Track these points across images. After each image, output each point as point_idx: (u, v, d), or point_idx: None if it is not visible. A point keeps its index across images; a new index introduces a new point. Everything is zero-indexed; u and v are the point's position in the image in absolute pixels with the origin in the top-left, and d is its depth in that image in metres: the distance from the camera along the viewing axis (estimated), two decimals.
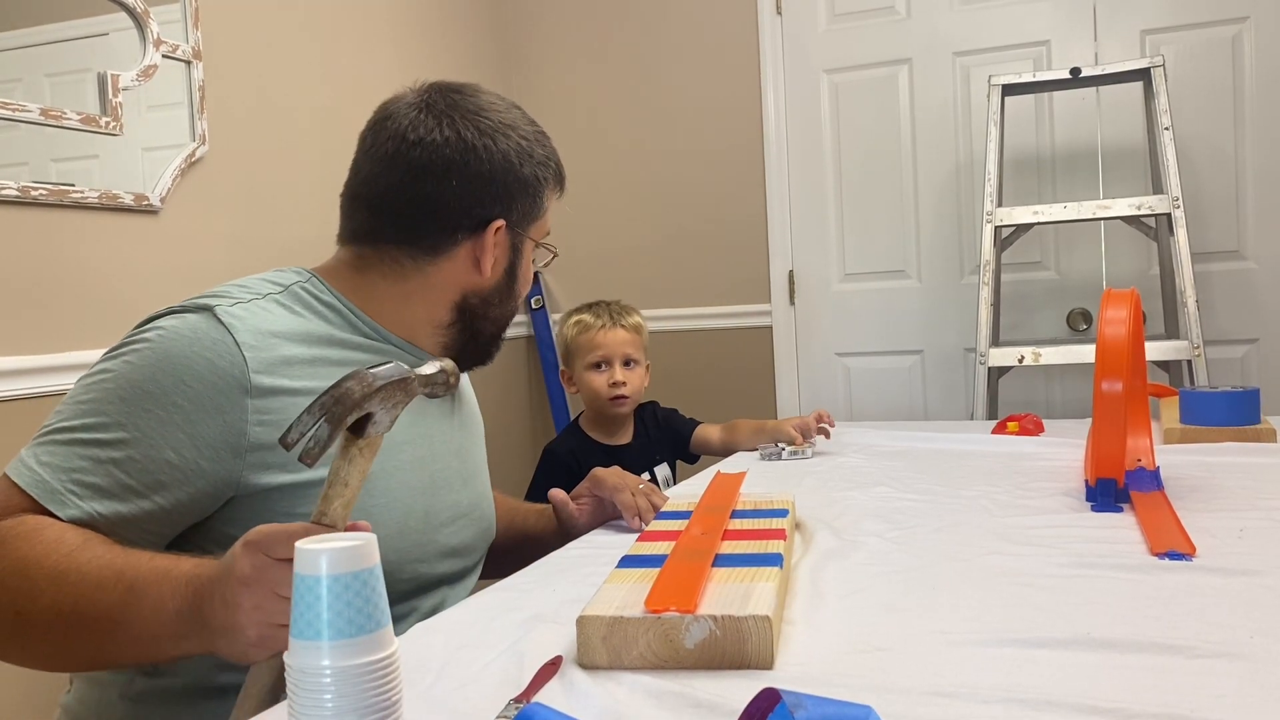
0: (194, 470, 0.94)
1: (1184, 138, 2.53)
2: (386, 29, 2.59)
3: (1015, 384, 2.72)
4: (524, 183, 1.14)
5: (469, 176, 1.10)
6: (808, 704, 0.58)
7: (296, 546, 0.57)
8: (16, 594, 0.85)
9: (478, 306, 1.16)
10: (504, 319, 1.21)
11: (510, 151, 1.12)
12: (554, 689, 0.75)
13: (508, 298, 1.19)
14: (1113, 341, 1.24)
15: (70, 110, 1.70)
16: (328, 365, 1.03)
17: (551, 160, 1.19)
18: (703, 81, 3.00)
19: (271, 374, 0.98)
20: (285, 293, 1.07)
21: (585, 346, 2.07)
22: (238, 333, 0.97)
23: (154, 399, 0.93)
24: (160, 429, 0.93)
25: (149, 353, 0.95)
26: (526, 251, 1.19)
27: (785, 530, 1.06)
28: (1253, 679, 0.70)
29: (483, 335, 1.19)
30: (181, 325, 0.97)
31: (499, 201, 1.12)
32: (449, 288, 1.14)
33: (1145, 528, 1.12)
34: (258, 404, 0.96)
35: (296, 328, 1.03)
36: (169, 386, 0.93)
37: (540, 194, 1.17)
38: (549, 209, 1.20)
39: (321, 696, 0.56)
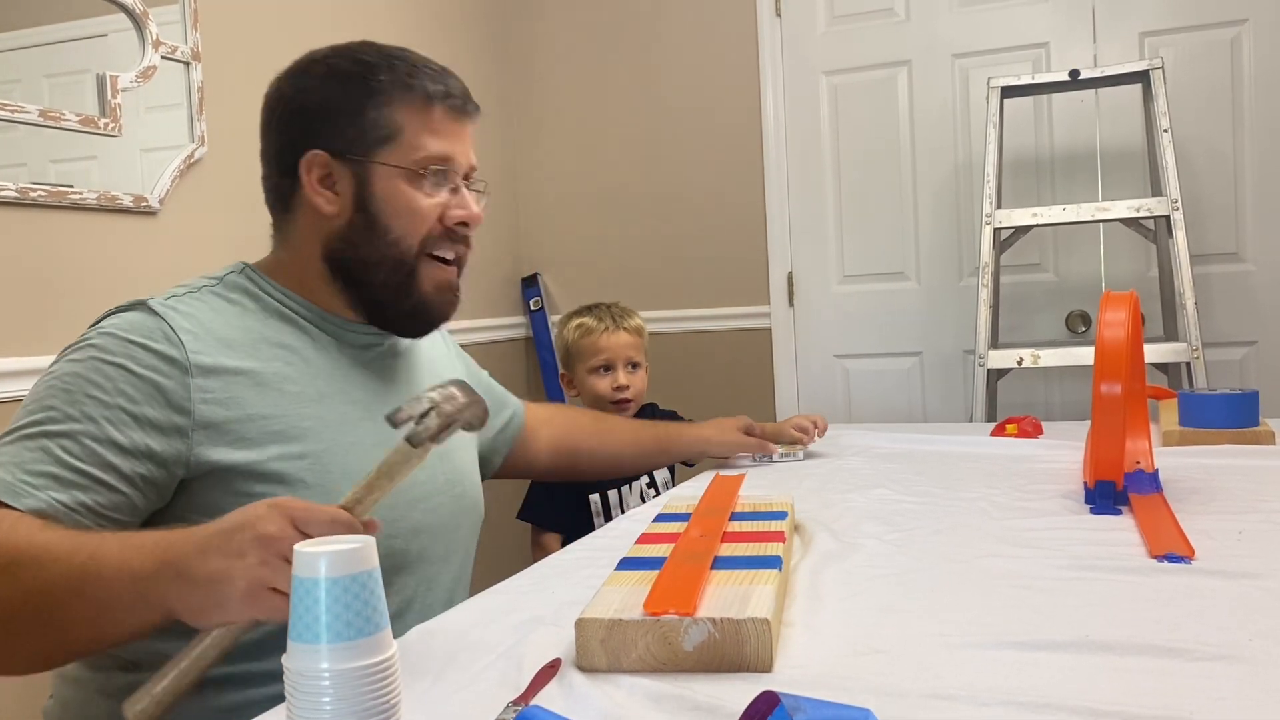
0: (143, 451, 0.95)
1: (1183, 140, 2.53)
2: (386, 30, 2.58)
3: (1014, 386, 2.72)
4: (327, 107, 1.08)
5: (277, 120, 1.12)
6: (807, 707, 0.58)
7: (295, 549, 0.57)
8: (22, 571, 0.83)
9: (341, 250, 1.10)
10: (387, 260, 1.09)
11: (306, 83, 1.11)
12: (552, 692, 0.75)
13: (370, 233, 1.09)
14: (1112, 344, 1.24)
15: (69, 111, 1.70)
16: (269, 345, 1.06)
17: (376, 75, 1.08)
18: (702, 83, 3.00)
19: (210, 354, 1.00)
20: (220, 284, 1.10)
21: (588, 350, 2.06)
22: (172, 320, 1.00)
23: (97, 386, 0.95)
24: (105, 413, 0.94)
25: (89, 348, 0.99)
26: (379, 178, 1.08)
27: (784, 533, 1.05)
28: (1252, 681, 0.70)
29: (372, 284, 1.10)
30: (119, 321, 1.01)
31: (307, 134, 1.09)
32: (311, 239, 1.11)
33: (1144, 530, 1.12)
34: (200, 382, 0.98)
35: (232, 315, 1.06)
36: (111, 374, 0.96)
37: (363, 112, 1.08)
38: (405, 126, 1.08)
39: (320, 699, 0.56)
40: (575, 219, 3.15)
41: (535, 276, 3.17)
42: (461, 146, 1.13)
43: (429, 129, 1.10)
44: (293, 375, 1.06)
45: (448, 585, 1.17)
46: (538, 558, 2.13)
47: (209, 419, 0.98)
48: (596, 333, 2.06)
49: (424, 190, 1.10)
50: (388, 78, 1.09)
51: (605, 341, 2.05)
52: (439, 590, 1.15)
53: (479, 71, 2.99)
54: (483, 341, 2.96)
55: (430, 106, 1.10)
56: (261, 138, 1.15)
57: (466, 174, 1.15)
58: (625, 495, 2.04)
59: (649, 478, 2.06)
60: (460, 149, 1.13)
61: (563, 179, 3.16)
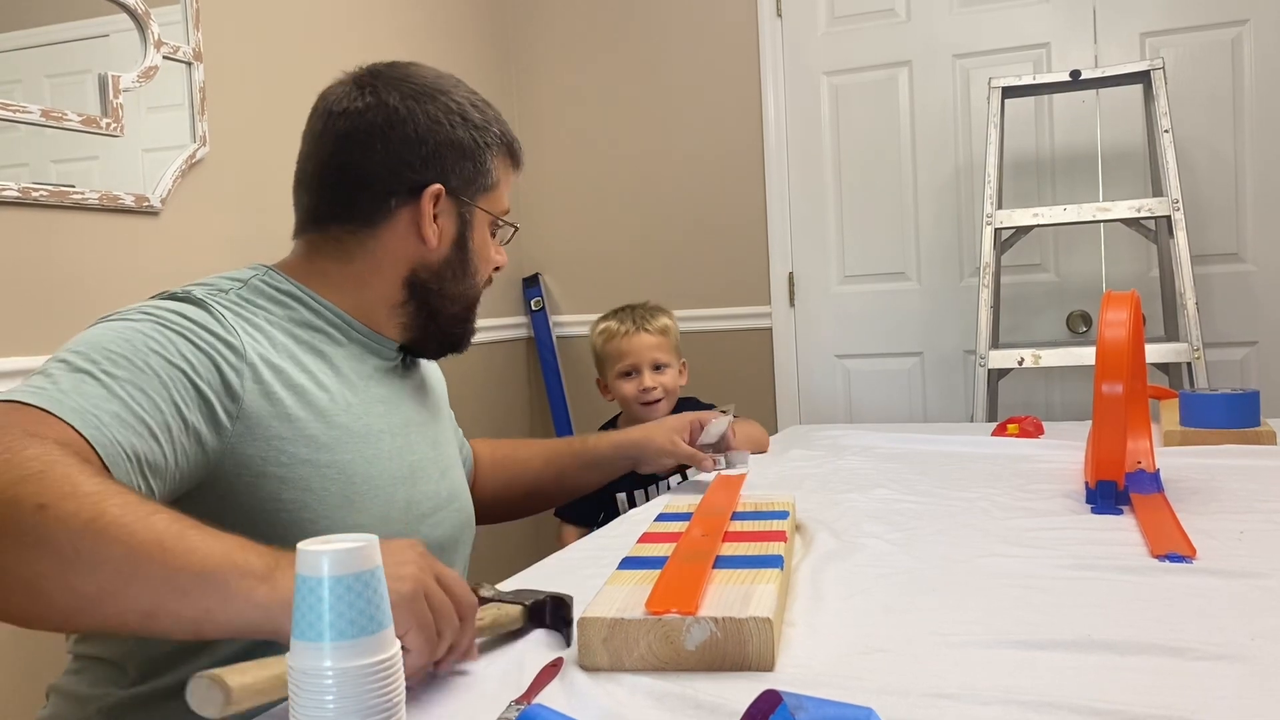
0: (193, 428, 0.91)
1: (1183, 140, 2.53)
2: (387, 30, 2.59)
3: (1015, 386, 2.72)
4: (459, 146, 1.12)
5: (395, 140, 1.10)
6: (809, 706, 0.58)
7: (299, 548, 0.57)
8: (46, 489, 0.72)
9: (430, 281, 1.13)
10: (463, 297, 1.17)
11: (439, 114, 1.11)
12: (555, 691, 0.75)
13: (462, 273, 1.16)
14: (1113, 343, 1.24)
15: (71, 111, 1.70)
16: (304, 351, 1.05)
17: (492, 126, 1.16)
18: (703, 84, 3.00)
19: (259, 348, 1.00)
20: (245, 287, 1.08)
21: (613, 355, 2.07)
22: (219, 310, 0.99)
23: (162, 347, 0.92)
24: (170, 374, 0.91)
25: (146, 317, 0.95)
26: (478, 223, 1.16)
27: (785, 532, 1.06)
28: (1253, 681, 0.70)
29: (442, 315, 1.16)
30: (168, 303, 0.98)
31: (431, 165, 1.10)
32: (396, 262, 1.12)
33: (1145, 530, 1.12)
34: (251, 372, 0.97)
35: (264, 316, 1.05)
36: (175, 340, 0.93)
37: (483, 160, 1.14)
38: (500, 181, 1.18)
39: (323, 698, 0.56)
40: (576, 219, 3.16)
41: (536, 276, 3.18)
42: None
43: (509, 185, 1.21)
44: (324, 383, 1.05)
45: None
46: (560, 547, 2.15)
47: (254, 412, 0.96)
48: (619, 336, 2.07)
49: (495, 240, 1.21)
50: (498, 130, 1.17)
51: (628, 345, 2.06)
52: None
53: (480, 71, 2.99)
54: (484, 341, 2.97)
55: (517, 166, 1.22)
56: (357, 148, 1.10)
57: None
58: (652, 494, 2.04)
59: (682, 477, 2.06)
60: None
61: (564, 179, 3.16)
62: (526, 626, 0.88)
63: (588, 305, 3.14)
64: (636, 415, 2.05)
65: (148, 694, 0.98)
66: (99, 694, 0.99)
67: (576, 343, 3.07)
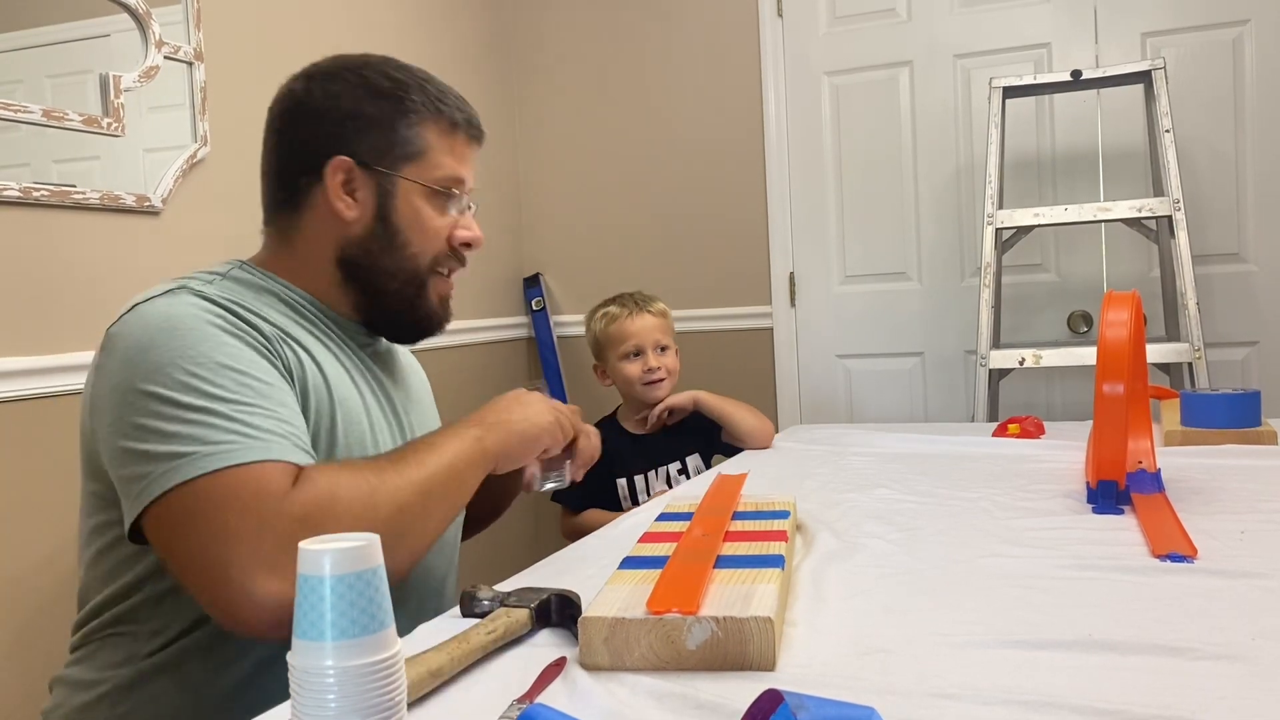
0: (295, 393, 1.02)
1: (1184, 140, 2.53)
2: (388, 30, 2.59)
3: (1016, 386, 2.72)
4: (363, 117, 1.11)
5: (296, 121, 1.13)
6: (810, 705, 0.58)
7: (300, 547, 0.57)
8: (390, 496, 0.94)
9: (359, 257, 1.13)
10: (402, 271, 1.14)
11: (339, 89, 1.12)
12: (557, 690, 0.75)
13: (390, 245, 1.13)
14: (1114, 343, 1.24)
15: (72, 111, 1.70)
16: (284, 332, 1.06)
17: (409, 94, 1.12)
18: (704, 83, 3.00)
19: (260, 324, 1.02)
20: (224, 279, 1.10)
21: (616, 337, 2.09)
22: (216, 299, 1.01)
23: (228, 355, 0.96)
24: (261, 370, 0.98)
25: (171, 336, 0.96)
26: (403, 194, 1.12)
27: (786, 532, 1.06)
28: (1254, 681, 0.70)
29: (385, 292, 1.14)
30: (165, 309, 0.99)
31: (332, 139, 1.10)
32: (324, 243, 1.13)
33: (1146, 530, 1.12)
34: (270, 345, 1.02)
35: (252, 302, 1.07)
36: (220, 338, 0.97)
37: (395, 128, 1.11)
38: (432, 148, 1.13)
39: (325, 697, 0.56)
40: (577, 219, 3.16)
41: (537, 276, 3.18)
42: (471, 171, 1.19)
43: (450, 152, 1.15)
44: (307, 361, 1.07)
45: (440, 573, 1.19)
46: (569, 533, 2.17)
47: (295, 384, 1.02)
48: (622, 319, 2.09)
49: (439, 209, 1.15)
50: (420, 98, 1.13)
51: (632, 326, 2.08)
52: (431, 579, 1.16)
53: (481, 72, 2.99)
54: (485, 341, 2.97)
55: (455, 131, 1.16)
56: (271, 134, 1.15)
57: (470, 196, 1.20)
58: (651, 480, 2.05)
59: (680, 464, 2.06)
60: (470, 173, 1.18)
61: (565, 179, 3.16)
62: (534, 628, 0.88)
63: (589, 305, 3.13)
64: (638, 397, 2.06)
65: (151, 670, 1.00)
66: (105, 676, 1.01)
67: (578, 342, 3.07)
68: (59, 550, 1.64)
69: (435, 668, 0.75)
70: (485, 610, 0.90)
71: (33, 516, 1.61)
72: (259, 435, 0.91)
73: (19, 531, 1.60)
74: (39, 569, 1.63)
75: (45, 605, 1.63)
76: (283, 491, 0.89)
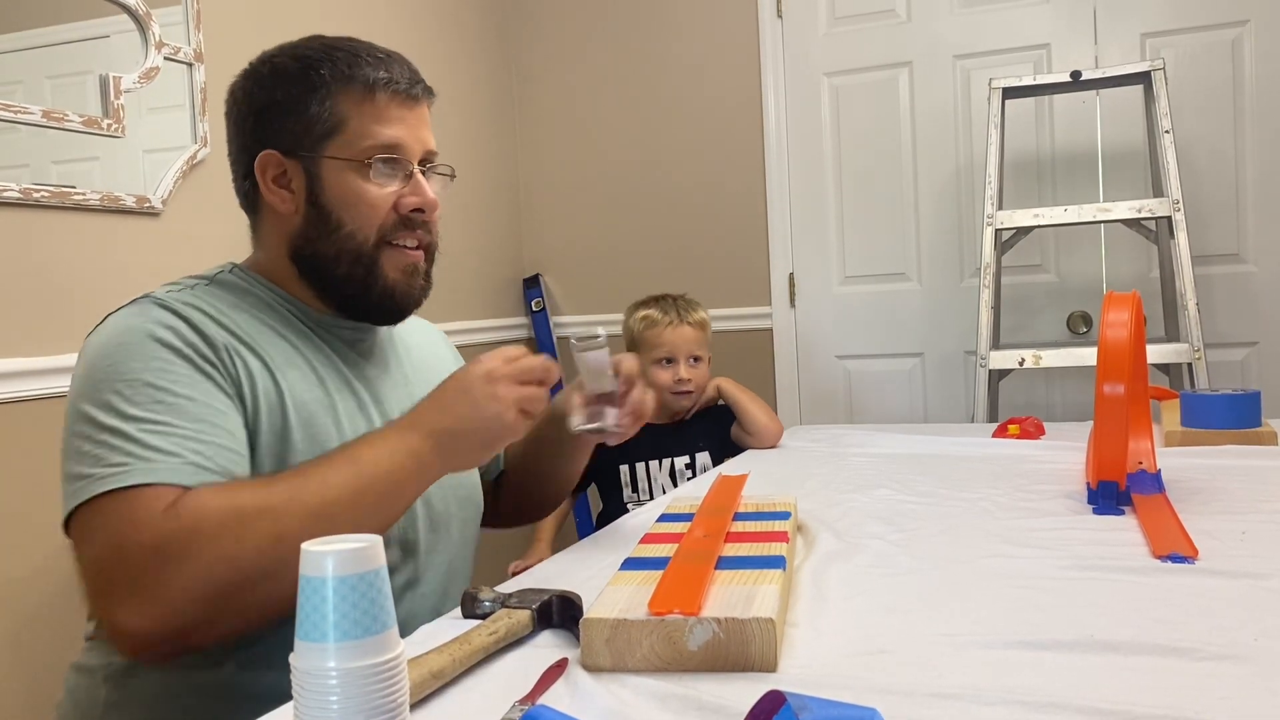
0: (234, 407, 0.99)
1: (1184, 141, 2.54)
2: (388, 30, 2.59)
3: (1015, 387, 2.72)
4: (274, 106, 1.08)
5: (231, 122, 1.14)
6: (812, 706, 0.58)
7: (303, 548, 0.57)
8: (269, 525, 0.89)
9: (303, 248, 1.10)
10: (345, 253, 1.09)
11: (252, 85, 1.11)
12: (558, 691, 0.75)
13: (325, 228, 1.08)
14: (1114, 344, 1.24)
15: (72, 112, 1.70)
16: (271, 333, 1.07)
17: (314, 70, 1.08)
18: (703, 84, 3.00)
19: (222, 331, 1.02)
20: (212, 282, 1.10)
21: (652, 341, 2.10)
22: (177, 308, 1.02)
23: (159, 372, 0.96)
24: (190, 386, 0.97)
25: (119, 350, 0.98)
26: (328, 172, 1.08)
27: (788, 533, 1.06)
28: (1256, 681, 0.70)
29: (333, 276, 1.10)
30: (126, 320, 1.01)
31: (255, 136, 1.10)
32: (277, 240, 1.12)
33: (1147, 530, 1.12)
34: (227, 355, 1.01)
35: (228, 306, 1.07)
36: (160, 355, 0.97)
37: (307, 107, 1.07)
38: (350, 118, 1.07)
39: (327, 698, 0.56)
40: (577, 220, 3.16)
41: (537, 277, 3.18)
42: (412, 131, 1.10)
43: (374, 117, 1.08)
44: (296, 362, 1.07)
45: (440, 576, 1.16)
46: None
47: (243, 395, 1.01)
48: (661, 325, 2.10)
49: (374, 181, 1.08)
50: (328, 70, 1.08)
51: (669, 335, 2.08)
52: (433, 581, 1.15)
53: (479, 70, 2.99)
54: (484, 342, 2.96)
55: (373, 94, 1.08)
56: (227, 143, 1.16)
57: (427, 159, 1.13)
58: (654, 470, 2.05)
59: (689, 458, 2.07)
60: (410, 134, 1.10)
61: (564, 180, 3.16)
62: (536, 629, 0.88)
63: (588, 306, 3.15)
64: (665, 402, 2.06)
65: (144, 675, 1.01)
66: (104, 662, 1.04)
67: None
68: (60, 550, 1.64)
69: (437, 669, 0.75)
70: (487, 612, 0.90)
71: (33, 516, 1.61)
72: (151, 458, 0.90)
73: (20, 531, 1.60)
74: (40, 569, 1.63)
75: (46, 605, 1.63)
76: (148, 519, 0.88)
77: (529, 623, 0.87)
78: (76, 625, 1.12)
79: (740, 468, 1.68)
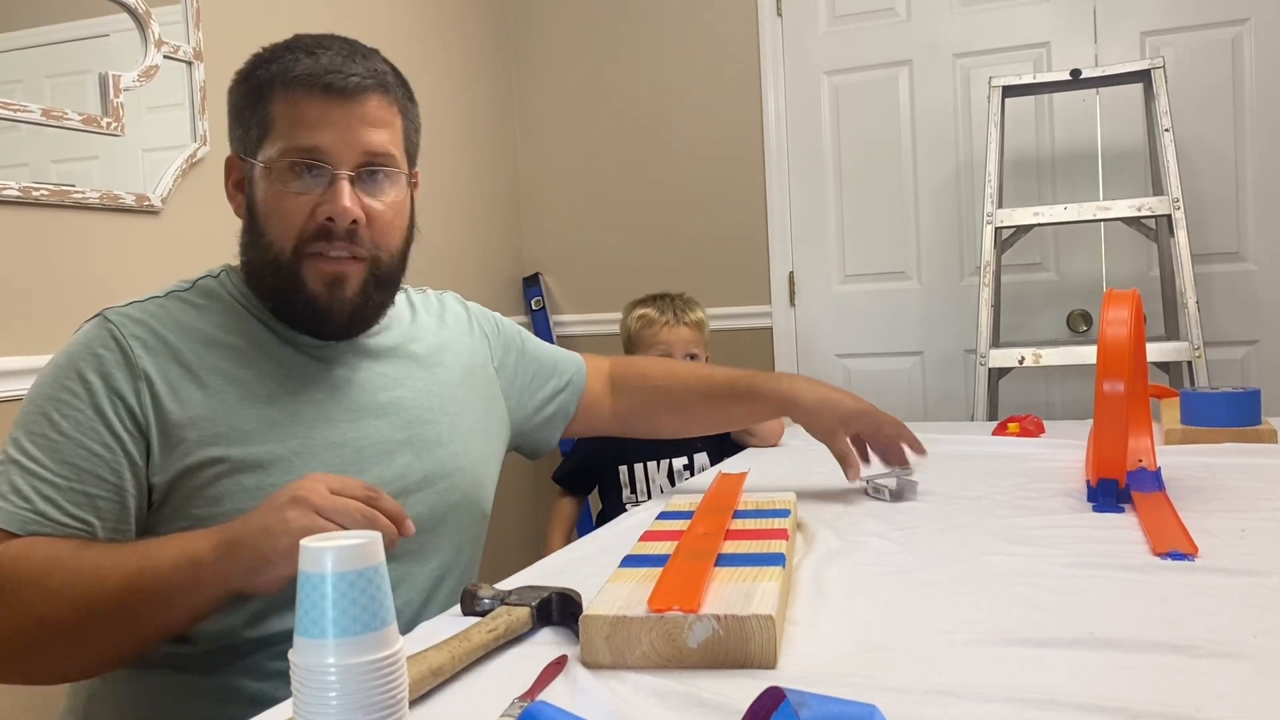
0: (120, 452, 0.97)
1: (1184, 139, 2.53)
2: (387, 29, 2.59)
3: (1015, 385, 2.72)
4: (234, 110, 1.08)
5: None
6: (812, 703, 0.58)
7: (302, 544, 0.57)
8: (35, 602, 0.89)
9: (242, 254, 1.08)
10: (265, 263, 1.04)
11: (231, 85, 1.09)
12: (558, 688, 0.75)
13: (254, 236, 1.05)
14: (1114, 342, 1.23)
15: (71, 111, 1.70)
16: (219, 348, 1.04)
17: (260, 67, 1.04)
18: (703, 83, 3.00)
19: (156, 357, 1.01)
20: (192, 289, 1.09)
21: (648, 340, 2.11)
22: (122, 327, 1.01)
23: (61, 404, 0.98)
24: (76, 426, 0.97)
25: (51, 370, 1.01)
26: (259, 178, 1.03)
27: (787, 530, 1.05)
28: (1256, 678, 0.70)
29: (263, 287, 1.06)
30: (76, 338, 1.03)
31: (229, 138, 1.10)
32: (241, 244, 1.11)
33: (1147, 528, 1.12)
34: (148, 387, 0.99)
35: (188, 320, 1.05)
36: (71, 386, 0.98)
37: (252, 109, 1.03)
38: (278, 119, 1.02)
39: (326, 694, 0.56)
40: (577, 218, 3.16)
41: (537, 276, 3.18)
42: (338, 133, 1.01)
43: (297, 119, 1.00)
44: (240, 377, 1.03)
45: (423, 585, 1.13)
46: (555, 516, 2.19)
47: (165, 420, 0.99)
48: (658, 325, 2.11)
49: (292, 188, 1.01)
50: (264, 70, 1.03)
51: (666, 335, 2.10)
52: (412, 589, 1.12)
53: (479, 69, 2.99)
54: None
55: (294, 92, 1.01)
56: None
57: (367, 162, 1.03)
58: (652, 471, 2.06)
59: (687, 459, 2.07)
60: (335, 135, 1.00)
61: (564, 178, 3.16)
62: (535, 626, 0.88)
63: (588, 304, 3.15)
64: None
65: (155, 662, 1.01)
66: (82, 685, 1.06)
67: (577, 342, 3.07)
68: None
69: (436, 666, 0.75)
70: (486, 609, 0.90)
71: None
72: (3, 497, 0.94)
73: None
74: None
75: None
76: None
77: (528, 620, 0.87)
78: None
79: (740, 465, 1.68)
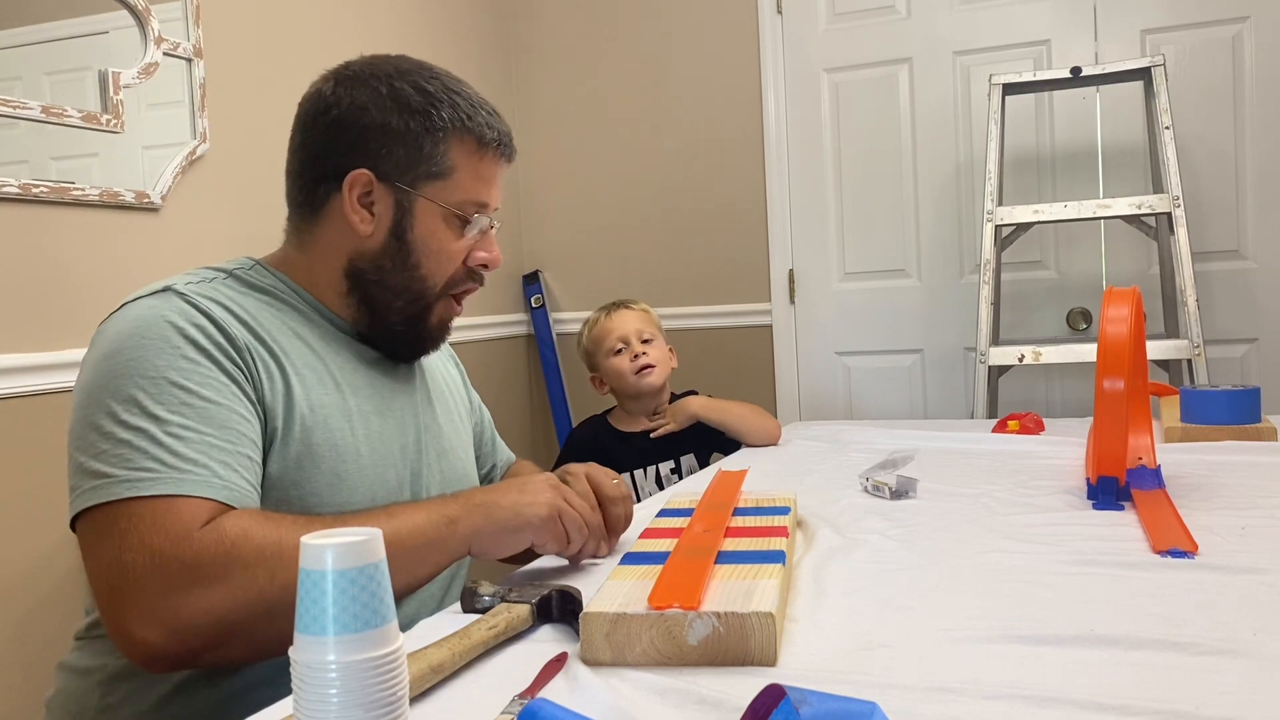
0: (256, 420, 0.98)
1: (1184, 137, 2.53)
2: (388, 27, 2.58)
3: (1015, 383, 2.72)
4: (388, 130, 1.07)
5: (321, 126, 1.10)
6: (812, 700, 0.58)
7: (302, 541, 0.57)
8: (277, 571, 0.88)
9: (368, 271, 1.10)
10: (408, 291, 1.11)
11: (367, 99, 1.08)
12: (558, 685, 0.75)
13: (402, 264, 1.10)
14: (1114, 340, 1.24)
15: (71, 108, 1.70)
16: (289, 334, 1.06)
17: (439, 110, 1.08)
18: (703, 80, 3.00)
19: (245, 334, 1.01)
20: (230, 276, 1.09)
21: (601, 336, 2.13)
22: (199, 301, 1.01)
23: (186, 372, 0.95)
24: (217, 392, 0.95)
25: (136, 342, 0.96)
26: (421, 212, 1.09)
27: (787, 528, 1.06)
28: (1256, 675, 0.70)
29: (388, 309, 1.11)
30: (150, 314, 0.99)
31: (355, 150, 1.08)
32: (335, 251, 1.11)
33: (1147, 526, 1.12)
34: (250, 359, 1.00)
35: (249, 302, 1.06)
36: (188, 354, 0.96)
37: (420, 145, 1.08)
38: (458, 168, 1.10)
39: (327, 692, 0.56)
40: (576, 216, 3.15)
41: (536, 274, 3.17)
42: (497, 191, 1.14)
43: (477, 173, 1.11)
44: (311, 364, 1.07)
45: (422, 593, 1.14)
46: None
47: (262, 400, 1.00)
48: (602, 320, 2.17)
49: (458, 232, 1.12)
50: (450, 114, 1.09)
51: (611, 324, 2.13)
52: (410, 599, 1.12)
53: (480, 69, 2.99)
54: (484, 339, 2.96)
55: (484, 150, 1.12)
56: (297, 134, 1.14)
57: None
58: (640, 479, 2.06)
59: (674, 463, 2.07)
60: (496, 193, 1.14)
61: (564, 176, 3.16)
62: (536, 624, 0.88)
63: (588, 302, 3.14)
64: (631, 389, 2.07)
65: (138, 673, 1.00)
66: (99, 665, 1.03)
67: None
68: (59, 545, 1.64)
69: (437, 663, 0.75)
70: (486, 606, 0.90)
71: (33, 512, 1.61)
72: (181, 468, 0.90)
73: (20, 527, 1.60)
74: (39, 564, 1.63)
75: (46, 600, 1.63)
76: (185, 533, 0.87)
77: (529, 617, 0.87)
78: (75, 621, 1.12)
79: (740, 463, 1.68)
